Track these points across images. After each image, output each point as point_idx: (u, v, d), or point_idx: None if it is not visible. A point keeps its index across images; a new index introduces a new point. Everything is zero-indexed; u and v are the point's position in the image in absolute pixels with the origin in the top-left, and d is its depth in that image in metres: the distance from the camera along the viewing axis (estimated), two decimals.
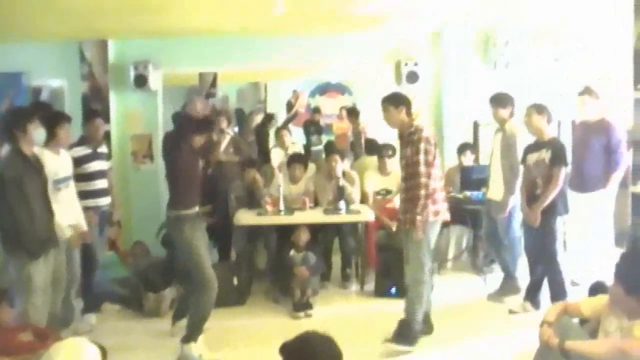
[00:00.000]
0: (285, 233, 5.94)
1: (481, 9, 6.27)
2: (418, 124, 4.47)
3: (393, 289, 5.68)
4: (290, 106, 9.65)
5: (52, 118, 4.60)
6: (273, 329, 5.05)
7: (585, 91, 5.45)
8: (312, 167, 6.76)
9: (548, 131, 5.03)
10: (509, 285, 5.55)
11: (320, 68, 8.71)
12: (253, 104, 10.78)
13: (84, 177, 5.05)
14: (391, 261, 5.64)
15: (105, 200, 5.32)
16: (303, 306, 5.39)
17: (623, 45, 6.48)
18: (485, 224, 5.77)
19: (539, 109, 5.00)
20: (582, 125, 5.60)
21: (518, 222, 5.42)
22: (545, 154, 4.88)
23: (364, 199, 6.44)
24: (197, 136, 4.33)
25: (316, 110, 10.43)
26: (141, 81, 7.04)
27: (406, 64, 7.18)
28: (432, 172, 4.33)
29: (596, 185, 5.32)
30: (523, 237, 5.36)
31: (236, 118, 9.21)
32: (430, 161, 4.33)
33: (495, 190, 5.49)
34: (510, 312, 5.19)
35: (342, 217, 5.96)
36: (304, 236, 5.77)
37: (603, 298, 3.30)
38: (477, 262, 6.46)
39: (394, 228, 6.18)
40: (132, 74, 7.04)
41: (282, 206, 5.95)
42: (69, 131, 4.71)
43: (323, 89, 11.60)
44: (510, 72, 7.01)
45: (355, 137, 8.50)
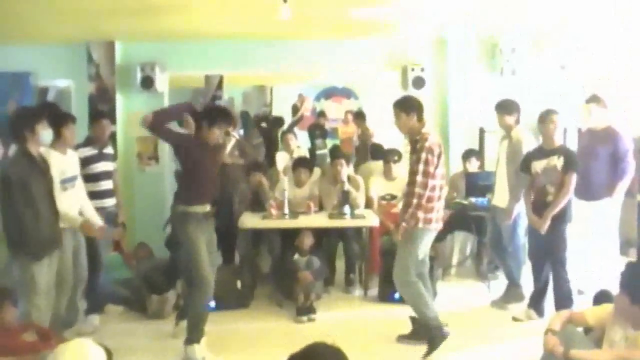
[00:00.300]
0: (289, 237, 5.93)
1: (484, 12, 6.25)
2: (425, 132, 4.40)
3: (396, 294, 5.64)
4: (295, 110, 9.65)
5: (59, 118, 4.61)
6: (276, 333, 5.04)
7: (592, 99, 5.45)
8: (317, 171, 6.76)
9: (557, 138, 5.02)
10: (513, 292, 5.53)
11: (325, 72, 8.72)
12: (258, 107, 10.78)
13: (90, 178, 5.06)
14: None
15: (110, 201, 5.33)
16: (306, 310, 5.38)
17: (631, 52, 6.47)
18: (489, 231, 5.76)
19: (555, 115, 4.98)
20: (589, 133, 5.59)
21: (523, 229, 5.42)
22: (557, 161, 4.86)
23: (369, 204, 6.43)
24: (216, 129, 4.35)
25: (321, 114, 10.43)
26: (148, 83, 7.06)
27: (412, 69, 7.20)
28: (429, 182, 4.30)
29: (602, 193, 5.30)
30: (527, 244, 5.36)
31: (242, 121, 9.21)
32: (428, 171, 4.29)
33: (500, 197, 5.48)
34: (513, 320, 5.18)
35: (347, 222, 5.96)
36: (308, 240, 5.77)
37: (608, 307, 3.29)
38: (481, 269, 6.44)
39: (395, 237, 6.17)
40: (139, 76, 7.06)
41: (287, 210, 5.94)
42: (75, 132, 4.72)
43: (329, 93, 11.61)
44: (516, 79, 6.99)
45: (361, 141, 8.49)
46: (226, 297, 5.44)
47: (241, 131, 8.59)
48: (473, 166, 6.70)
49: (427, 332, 4.42)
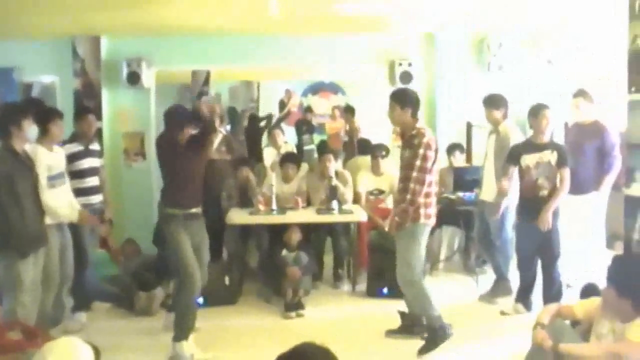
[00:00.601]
0: (277, 233, 5.91)
1: (478, 12, 6.26)
2: (420, 127, 4.34)
3: (385, 290, 5.67)
4: (282, 105, 9.62)
5: (45, 114, 4.56)
6: (265, 329, 5.04)
7: (579, 93, 5.47)
8: (305, 167, 6.74)
9: (548, 133, 5.03)
10: (501, 286, 5.56)
11: (313, 68, 8.69)
12: (245, 103, 10.73)
13: (76, 175, 5.01)
14: (383, 261, 5.62)
15: (96, 197, 5.27)
16: (295, 306, 5.37)
17: (618, 47, 6.48)
18: (477, 225, 5.78)
19: (547, 110, 4.98)
20: (576, 127, 5.61)
21: (510, 224, 5.44)
22: (550, 156, 4.87)
23: (357, 199, 6.42)
24: (187, 128, 4.31)
25: (308, 109, 10.40)
26: (134, 78, 7.00)
27: (400, 64, 7.19)
28: (426, 178, 4.25)
29: (589, 187, 5.33)
30: (515, 239, 5.37)
31: (228, 117, 9.18)
32: (425, 167, 4.24)
33: (488, 191, 5.49)
34: (501, 314, 5.20)
35: (335, 217, 5.95)
36: (296, 236, 5.75)
37: (596, 300, 3.31)
38: (469, 263, 6.47)
39: (387, 228, 6.17)
40: (125, 71, 7.00)
41: (275, 206, 5.93)
42: (62, 128, 4.67)
43: (316, 89, 11.55)
44: (503, 75, 7.02)
45: (349, 137, 8.49)
46: (214, 293, 5.41)
47: (228, 127, 8.57)
48: (458, 160, 6.72)
49: (431, 332, 4.37)
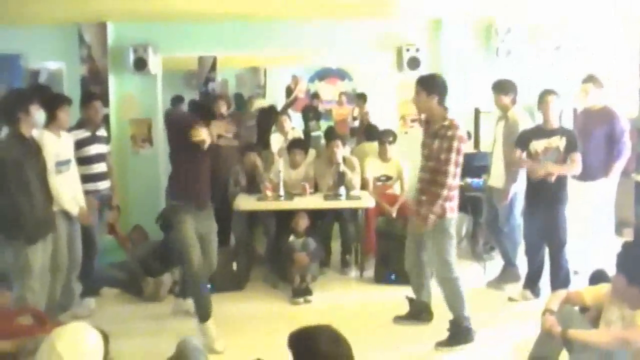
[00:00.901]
0: (284, 219, 5.91)
1: (481, 6, 6.21)
2: (453, 120, 4.21)
3: (392, 276, 5.67)
4: (289, 91, 9.57)
5: (53, 100, 4.56)
6: (272, 315, 5.06)
7: (589, 79, 5.41)
8: (312, 153, 6.73)
9: (557, 119, 5.00)
10: (509, 273, 5.55)
11: (320, 54, 8.65)
12: (252, 89, 10.70)
13: (83, 161, 5.02)
14: (391, 248, 5.63)
15: (104, 184, 5.29)
16: (302, 292, 5.39)
17: (628, 32, 6.44)
18: (485, 212, 5.76)
19: (555, 95, 4.95)
20: (585, 113, 5.56)
21: (519, 210, 5.41)
22: (559, 141, 4.85)
23: (364, 185, 6.41)
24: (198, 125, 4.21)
25: (315, 95, 10.36)
26: (141, 64, 6.97)
27: (407, 50, 7.13)
28: (458, 172, 4.22)
29: (598, 174, 5.30)
30: (523, 225, 5.35)
31: (235, 103, 9.16)
32: (459, 161, 4.18)
33: (496, 177, 5.47)
34: (509, 300, 5.20)
35: (342, 203, 5.94)
36: (303, 222, 5.75)
37: (605, 287, 3.30)
38: (477, 250, 6.45)
39: (394, 214, 6.17)
40: (132, 57, 6.96)
41: (282, 191, 5.92)
42: (69, 114, 4.67)
43: (323, 75, 11.50)
44: (511, 60, 6.96)
45: (360, 123, 8.48)
46: (222, 279, 5.43)
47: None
48: (466, 146, 6.66)
49: (455, 329, 4.31)
